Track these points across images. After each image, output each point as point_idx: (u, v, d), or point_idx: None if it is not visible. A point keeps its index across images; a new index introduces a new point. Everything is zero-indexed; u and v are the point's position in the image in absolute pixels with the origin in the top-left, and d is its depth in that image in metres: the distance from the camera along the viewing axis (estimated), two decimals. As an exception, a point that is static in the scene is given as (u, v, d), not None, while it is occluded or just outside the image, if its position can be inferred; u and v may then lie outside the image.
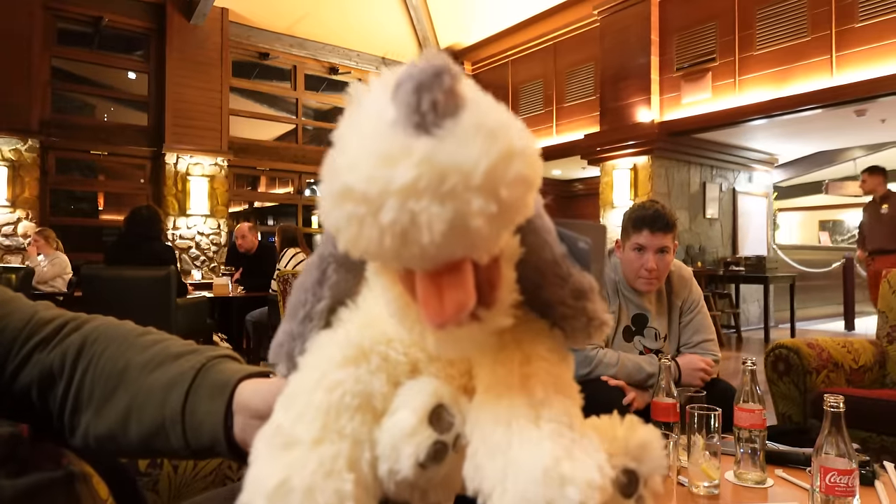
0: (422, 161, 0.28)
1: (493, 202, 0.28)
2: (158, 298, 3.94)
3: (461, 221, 0.28)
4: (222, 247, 7.77)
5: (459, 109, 0.29)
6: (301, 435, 0.34)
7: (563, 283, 0.38)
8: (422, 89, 0.28)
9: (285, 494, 0.32)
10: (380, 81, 0.33)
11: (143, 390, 0.56)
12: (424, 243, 0.28)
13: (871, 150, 9.46)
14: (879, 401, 2.13)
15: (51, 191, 7.21)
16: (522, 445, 0.33)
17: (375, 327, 0.38)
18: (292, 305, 0.42)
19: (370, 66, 9.80)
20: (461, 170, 0.28)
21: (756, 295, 7.87)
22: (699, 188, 7.51)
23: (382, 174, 0.28)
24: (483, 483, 0.33)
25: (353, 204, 0.29)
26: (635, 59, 7.23)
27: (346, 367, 0.37)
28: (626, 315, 2.04)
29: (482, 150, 0.28)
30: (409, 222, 0.28)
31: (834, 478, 0.95)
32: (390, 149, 0.28)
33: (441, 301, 0.31)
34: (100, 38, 7.49)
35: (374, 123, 0.30)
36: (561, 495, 0.30)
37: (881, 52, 5.47)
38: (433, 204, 0.28)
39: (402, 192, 0.27)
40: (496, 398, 0.35)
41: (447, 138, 0.28)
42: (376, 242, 0.29)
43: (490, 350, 0.37)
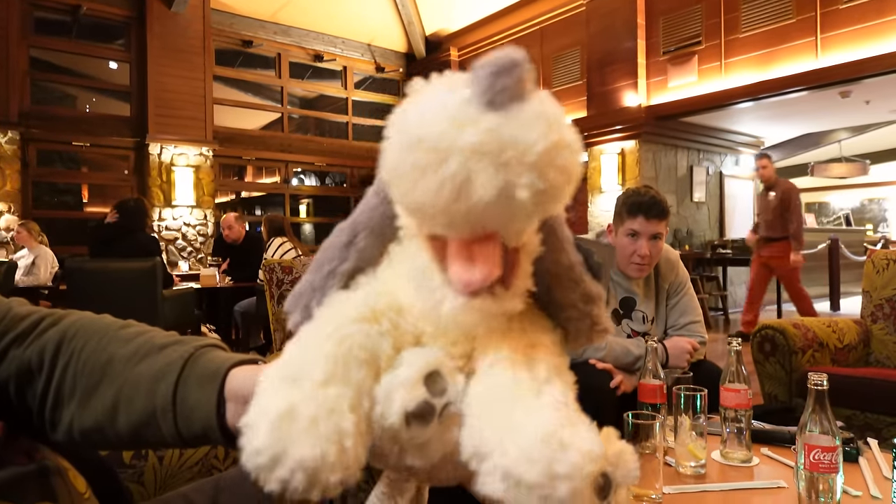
0: (488, 130, 0.32)
1: (540, 180, 0.32)
2: (144, 290, 3.90)
3: (510, 190, 0.32)
4: (209, 237, 7.71)
5: (526, 97, 0.33)
6: (310, 373, 0.36)
7: (576, 286, 0.42)
8: (498, 73, 0.32)
9: (290, 421, 0.33)
10: (442, 79, 0.37)
11: (130, 382, 0.56)
12: (474, 201, 0.32)
13: (855, 131, 9.53)
14: (863, 379, 2.15)
15: (33, 183, 7.11)
16: (526, 410, 0.35)
17: (390, 296, 0.41)
18: (318, 261, 0.45)
19: (355, 52, 9.71)
20: (519, 146, 0.32)
21: (743, 277, 7.93)
22: (686, 172, 7.54)
23: (452, 132, 0.32)
24: (482, 444, 0.34)
25: (422, 152, 0.32)
26: (622, 43, 7.21)
27: (358, 323, 0.39)
28: (615, 298, 2.04)
29: (540, 133, 0.32)
30: (466, 179, 0.31)
31: (818, 455, 0.96)
32: (463, 115, 0.32)
33: (471, 267, 0.34)
34: (78, 26, 7.36)
35: (449, 97, 0.34)
36: (561, 457, 0.32)
37: (865, 34, 5.49)
38: (490, 167, 0.31)
39: (466, 151, 0.31)
40: (502, 371, 0.38)
41: (513, 118, 0.32)
42: (433, 192, 0.32)
43: (496, 333, 0.40)
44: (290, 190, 9.22)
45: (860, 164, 10.30)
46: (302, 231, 10.44)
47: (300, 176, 10.58)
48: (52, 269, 5.41)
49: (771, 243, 5.56)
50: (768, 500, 1.21)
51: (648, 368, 1.48)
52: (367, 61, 9.86)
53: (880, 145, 11.98)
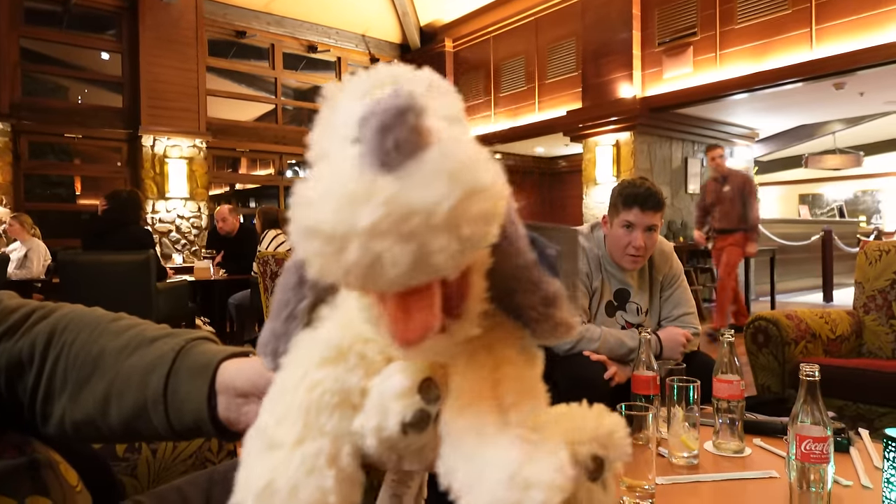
0: (385, 202, 0.29)
1: (454, 240, 0.29)
2: (138, 283, 3.89)
3: (424, 258, 0.29)
4: (203, 230, 7.68)
5: (423, 149, 0.29)
6: (284, 436, 0.36)
7: (535, 289, 0.40)
8: (385, 129, 0.29)
9: (271, 495, 0.34)
10: (353, 86, 0.35)
11: (122, 374, 0.56)
12: (388, 278, 0.30)
13: (849, 123, 9.55)
14: (855, 370, 2.17)
15: (24, 176, 7.06)
16: (493, 450, 0.34)
17: (353, 328, 0.39)
18: (276, 305, 0.43)
19: (350, 43, 9.66)
20: (423, 210, 0.29)
21: (737, 269, 7.97)
22: (681, 163, 7.54)
23: (347, 214, 0.29)
24: (454, 484, 0.35)
25: (320, 242, 0.30)
26: (617, 34, 7.19)
27: (324, 367, 0.38)
28: (609, 290, 2.04)
29: (444, 190, 0.29)
30: (374, 260, 0.29)
31: (809, 445, 0.97)
32: (355, 188, 0.29)
33: (408, 321, 0.32)
34: (69, 17, 7.28)
35: (342, 154, 0.31)
36: (526, 497, 0.32)
37: (860, 25, 5.49)
38: (396, 244, 0.29)
39: (365, 234, 0.29)
40: (467, 404, 0.37)
41: (410, 178, 0.29)
42: (342, 276, 0.30)
43: (462, 354, 0.39)
44: (284, 182, 9.19)
45: (854, 156, 10.34)
46: None
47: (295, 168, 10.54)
48: (45, 261, 5.38)
49: (727, 234, 5.52)
50: (760, 490, 1.21)
51: (642, 360, 1.49)
52: (362, 52, 9.81)
53: (874, 137, 12.02)
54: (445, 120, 0.34)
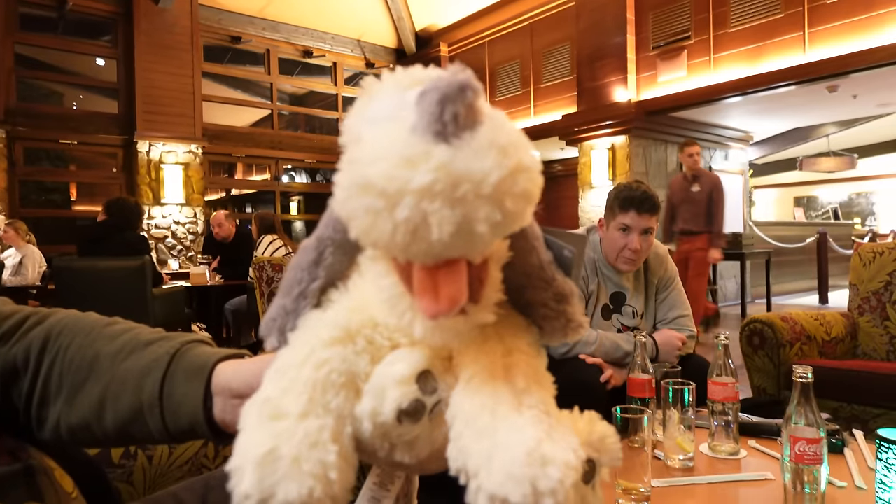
0: (439, 167, 0.30)
1: (498, 211, 0.31)
2: (133, 289, 3.88)
3: (467, 225, 0.31)
4: (199, 235, 7.67)
5: (477, 124, 0.31)
6: (289, 407, 0.36)
7: (548, 286, 0.41)
8: (446, 101, 0.30)
9: (273, 462, 0.34)
10: (393, 78, 0.37)
11: (117, 378, 0.56)
12: (432, 241, 0.31)
13: (843, 126, 9.60)
14: (850, 371, 2.18)
15: (20, 182, 7.04)
16: (507, 430, 0.35)
17: (363, 312, 0.40)
18: (288, 282, 0.44)
19: (345, 48, 9.67)
20: (474, 179, 0.30)
21: (733, 271, 7.99)
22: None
23: (402, 174, 0.30)
24: (468, 463, 0.35)
25: (373, 197, 0.31)
26: (611, 39, 7.22)
27: (333, 347, 0.39)
28: (605, 293, 2.05)
29: (494, 163, 0.31)
30: (421, 221, 0.30)
31: (803, 447, 0.97)
32: (412, 152, 0.31)
33: (437, 294, 0.34)
34: (64, 22, 7.28)
35: (395, 125, 0.33)
36: (543, 474, 0.32)
37: (852, 28, 5.52)
38: (445, 207, 0.30)
39: (418, 193, 0.30)
40: (481, 385, 0.38)
41: (464, 149, 0.31)
42: (388, 235, 0.31)
43: (473, 342, 0.40)
44: (280, 187, 9.18)
45: (848, 159, 10.38)
46: (293, 228, 10.40)
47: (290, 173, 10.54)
48: (40, 268, 5.36)
49: (692, 237, 5.31)
50: (755, 491, 1.22)
51: (637, 363, 1.49)
52: (357, 57, 9.82)
53: (868, 139, 12.09)
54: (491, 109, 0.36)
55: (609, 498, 1.14)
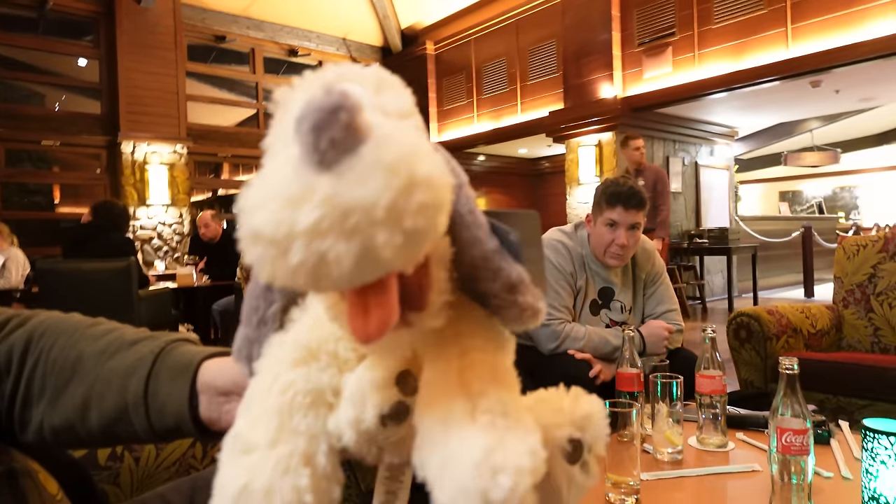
0: (324, 201, 0.28)
1: (398, 233, 0.29)
2: (119, 291, 3.84)
3: (369, 254, 0.29)
4: (185, 236, 7.61)
5: (358, 144, 0.29)
6: (258, 439, 0.36)
7: (495, 277, 0.39)
8: (320, 128, 0.29)
9: (247, 497, 0.34)
10: (303, 89, 0.35)
11: (102, 378, 0.55)
12: (335, 277, 0.30)
13: (826, 120, 9.70)
14: (835, 363, 2.20)
15: (2, 184, 6.94)
16: (458, 440, 0.34)
17: (322, 327, 0.40)
18: (247, 311, 0.43)
19: (330, 47, 9.63)
20: (363, 206, 0.28)
21: (720, 266, 8.06)
22: (662, 162, 7.61)
23: (287, 216, 0.29)
24: (426, 475, 0.35)
25: (263, 246, 0.30)
26: (597, 35, 7.24)
27: (296, 368, 0.38)
28: (593, 289, 2.06)
29: (382, 185, 0.29)
30: (318, 260, 0.29)
31: (789, 438, 0.98)
32: (294, 190, 0.29)
33: (366, 318, 0.32)
34: (45, 22, 7.18)
35: (281, 157, 0.31)
36: (494, 484, 0.31)
37: (834, 24, 5.58)
38: (339, 242, 0.29)
39: (307, 234, 0.28)
40: (435, 395, 0.37)
41: (347, 175, 0.29)
42: (290, 278, 0.30)
43: (431, 343, 0.39)
44: (267, 187, 9.11)
45: (832, 153, 10.50)
46: None
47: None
48: (24, 271, 5.29)
49: None
50: (743, 483, 1.23)
51: (626, 357, 1.50)
52: (343, 55, 9.78)
53: (851, 134, 12.23)
54: (393, 115, 0.34)
55: (599, 492, 1.14)
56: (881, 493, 0.98)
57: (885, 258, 2.46)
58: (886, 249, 2.47)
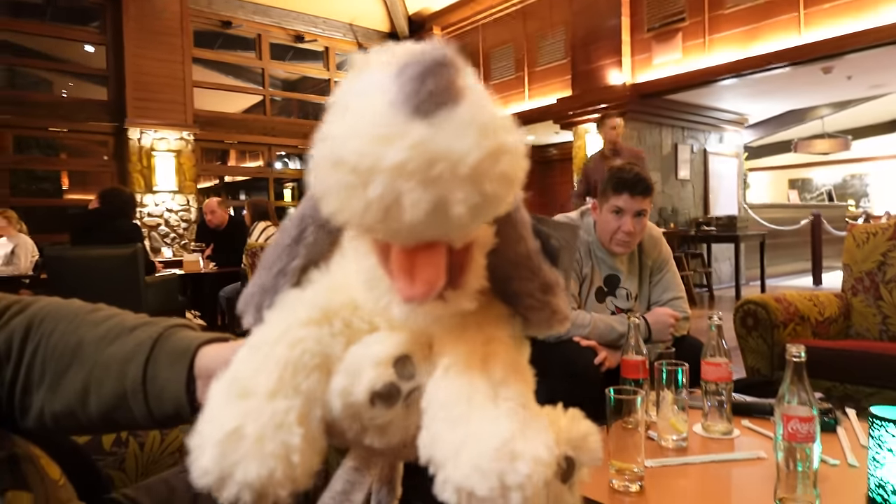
0: (414, 145, 0.29)
1: (476, 194, 0.30)
2: (126, 277, 3.86)
3: (442, 207, 0.30)
4: (192, 223, 7.63)
5: (457, 101, 0.30)
6: (258, 386, 0.35)
7: (534, 276, 0.40)
8: (424, 76, 0.29)
9: (237, 441, 0.33)
10: (382, 55, 0.35)
11: (101, 364, 0.55)
12: (405, 221, 0.30)
13: (837, 107, 9.59)
14: (843, 351, 2.19)
15: (10, 171, 6.98)
16: (480, 420, 0.34)
17: (343, 293, 0.39)
18: (267, 259, 0.43)
19: (337, 32, 9.58)
20: (450, 158, 0.29)
21: (727, 254, 8.01)
22: (671, 150, 7.55)
23: (375, 150, 0.29)
24: (437, 452, 0.34)
25: (344, 173, 0.30)
26: (606, 21, 7.16)
27: (309, 327, 0.38)
28: (599, 276, 2.05)
29: (473, 143, 0.29)
30: (394, 200, 0.29)
31: (795, 425, 0.97)
32: (386, 128, 0.29)
33: (413, 277, 0.33)
34: (53, 9, 7.18)
35: (374, 100, 0.31)
36: (511, 469, 0.32)
37: (847, 9, 5.49)
38: (419, 186, 0.29)
39: (391, 171, 0.29)
40: (458, 374, 0.37)
41: (441, 126, 0.29)
42: (360, 213, 0.31)
43: (453, 329, 0.39)
44: (273, 174, 9.13)
45: (842, 140, 10.39)
46: (287, 215, 10.36)
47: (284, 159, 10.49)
48: (33, 257, 5.33)
49: None
50: (748, 470, 1.22)
51: (631, 344, 1.49)
52: (350, 41, 9.73)
53: (862, 121, 12.08)
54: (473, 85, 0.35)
55: (603, 478, 1.14)
56: (887, 481, 0.97)
57: (895, 246, 2.43)
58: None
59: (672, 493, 1.16)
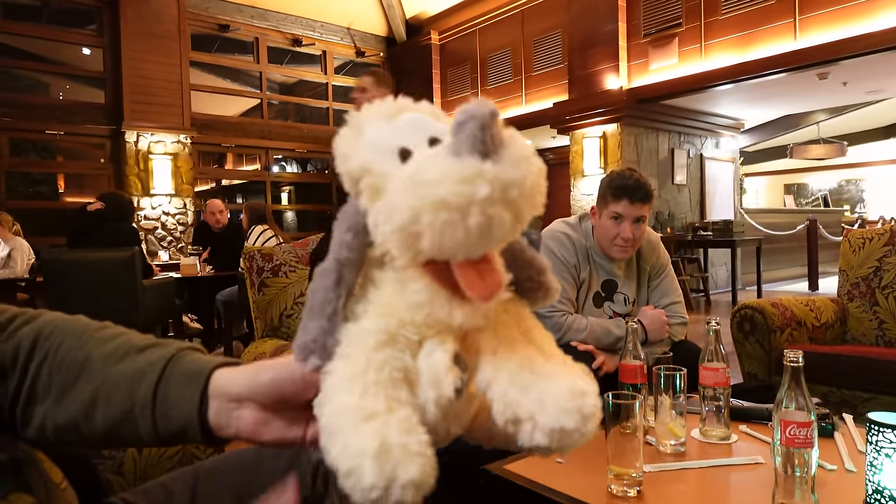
0: (493, 179, 0.38)
1: (533, 205, 0.41)
2: (123, 280, 3.85)
3: (518, 219, 0.40)
4: (189, 226, 7.62)
5: (507, 141, 0.40)
6: (375, 407, 0.42)
7: (530, 264, 0.51)
8: (485, 127, 0.38)
9: (387, 452, 0.39)
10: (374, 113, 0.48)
11: (110, 379, 0.56)
12: (498, 236, 0.39)
13: (833, 113, 9.64)
14: (840, 356, 2.19)
15: (6, 173, 6.96)
16: (547, 378, 0.44)
17: (392, 315, 0.46)
18: (318, 304, 0.48)
19: (335, 36, 9.59)
20: (518, 184, 0.39)
21: (724, 259, 8.03)
22: (668, 155, 7.58)
23: (466, 189, 0.38)
24: (519, 411, 0.43)
25: (446, 212, 0.38)
26: (603, 26, 7.19)
27: (383, 350, 0.45)
28: (597, 281, 2.05)
29: (526, 170, 0.40)
30: (488, 222, 0.38)
31: (793, 430, 0.98)
32: (466, 171, 0.38)
33: (483, 282, 0.42)
34: (49, 11, 7.17)
35: (434, 153, 0.41)
36: (584, 403, 0.43)
37: (842, 15, 5.53)
38: (504, 210, 0.39)
39: (483, 202, 0.38)
40: (510, 352, 0.46)
41: (503, 162, 0.39)
42: (461, 240, 0.39)
43: (492, 320, 0.48)
44: (270, 177, 9.12)
45: (838, 146, 10.44)
46: (284, 219, 10.35)
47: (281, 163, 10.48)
48: (29, 260, 5.32)
49: None
50: (746, 475, 1.23)
51: (629, 349, 1.50)
52: (347, 45, 9.74)
53: (857, 126, 12.14)
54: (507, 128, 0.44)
55: (601, 483, 1.14)
56: (885, 486, 0.97)
57: (891, 251, 2.45)
58: (892, 243, 2.46)
59: (670, 498, 1.16)
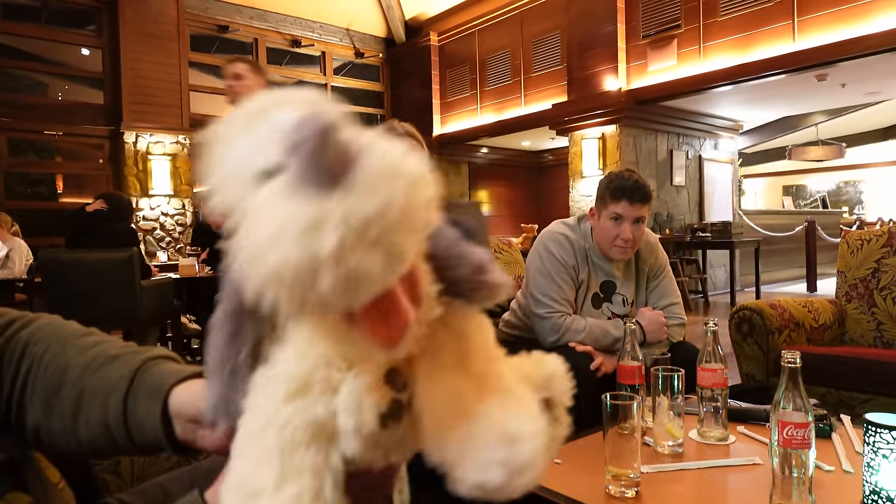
0: (341, 220, 0.28)
1: (412, 230, 0.31)
2: (121, 281, 3.84)
3: (394, 256, 0.30)
4: (188, 227, 7.61)
5: (356, 159, 0.29)
6: (263, 482, 0.35)
7: (463, 261, 0.40)
8: (326, 145, 0.29)
9: None
10: (232, 124, 0.36)
11: (88, 391, 0.57)
12: (368, 288, 0.30)
13: (832, 114, 9.65)
14: (837, 357, 2.19)
15: (5, 174, 6.95)
16: (475, 420, 0.36)
17: (311, 355, 0.38)
18: (214, 364, 0.42)
19: (334, 37, 9.59)
20: (379, 214, 0.29)
21: (722, 260, 8.03)
22: (666, 156, 7.58)
23: (310, 244, 0.28)
24: (447, 455, 0.36)
25: (290, 282, 0.29)
26: (602, 27, 7.20)
27: (291, 402, 0.37)
28: (595, 282, 2.05)
29: (389, 192, 0.29)
30: (348, 279, 0.29)
31: (791, 431, 0.98)
32: (306, 217, 0.28)
33: (388, 327, 0.34)
34: (48, 12, 7.16)
35: (268, 192, 0.31)
36: (516, 452, 0.35)
37: (841, 17, 5.54)
38: (366, 253, 0.29)
39: (333, 257, 0.28)
40: (440, 381, 0.38)
41: (355, 189, 0.29)
42: (321, 305, 0.30)
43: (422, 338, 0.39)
44: (269, 178, 9.10)
45: (836, 147, 10.45)
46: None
47: (280, 163, 10.46)
48: (27, 260, 5.31)
49: None
50: (744, 476, 1.23)
51: (627, 350, 1.50)
52: (346, 46, 9.74)
53: (856, 128, 12.16)
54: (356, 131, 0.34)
55: (599, 484, 1.14)
56: (882, 487, 0.97)
57: (889, 253, 2.45)
58: (890, 244, 2.46)
59: (668, 498, 1.16)
